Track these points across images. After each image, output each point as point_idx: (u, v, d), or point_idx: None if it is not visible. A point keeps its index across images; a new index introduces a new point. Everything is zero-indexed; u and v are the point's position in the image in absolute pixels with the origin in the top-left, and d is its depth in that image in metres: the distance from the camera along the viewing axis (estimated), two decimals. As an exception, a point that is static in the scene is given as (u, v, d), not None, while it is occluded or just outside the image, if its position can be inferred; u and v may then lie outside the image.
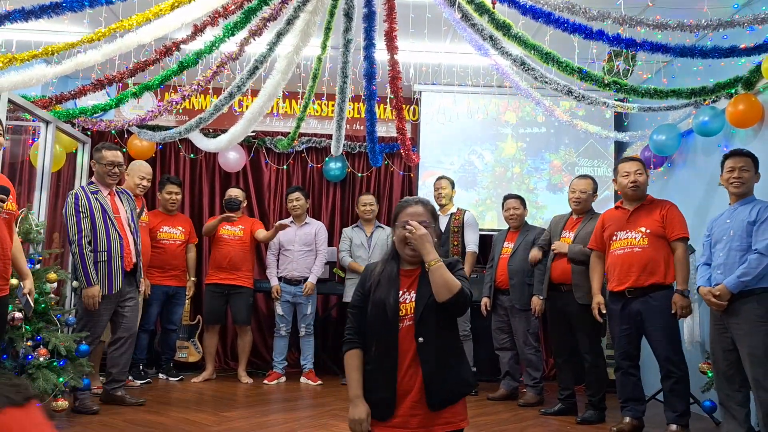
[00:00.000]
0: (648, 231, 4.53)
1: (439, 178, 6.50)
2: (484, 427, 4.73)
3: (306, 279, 6.53)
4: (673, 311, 4.37)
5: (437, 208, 6.46)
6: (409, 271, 2.66)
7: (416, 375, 2.52)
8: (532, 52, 4.31)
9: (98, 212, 4.82)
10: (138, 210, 5.42)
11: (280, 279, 6.60)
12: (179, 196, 6.61)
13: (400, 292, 2.60)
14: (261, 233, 6.58)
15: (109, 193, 4.97)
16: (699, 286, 4.12)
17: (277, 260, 6.67)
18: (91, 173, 6.16)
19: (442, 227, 6.30)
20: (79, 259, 4.75)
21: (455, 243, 6.23)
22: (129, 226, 5.02)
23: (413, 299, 2.57)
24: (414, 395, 2.51)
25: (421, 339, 2.52)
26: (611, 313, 4.71)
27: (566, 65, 4.32)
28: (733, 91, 4.78)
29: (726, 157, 4.13)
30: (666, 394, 4.49)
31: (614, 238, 4.69)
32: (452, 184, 6.46)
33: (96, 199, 4.85)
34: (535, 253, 5.53)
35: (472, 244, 6.25)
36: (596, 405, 5.00)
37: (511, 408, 5.49)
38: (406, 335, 2.55)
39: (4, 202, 3.62)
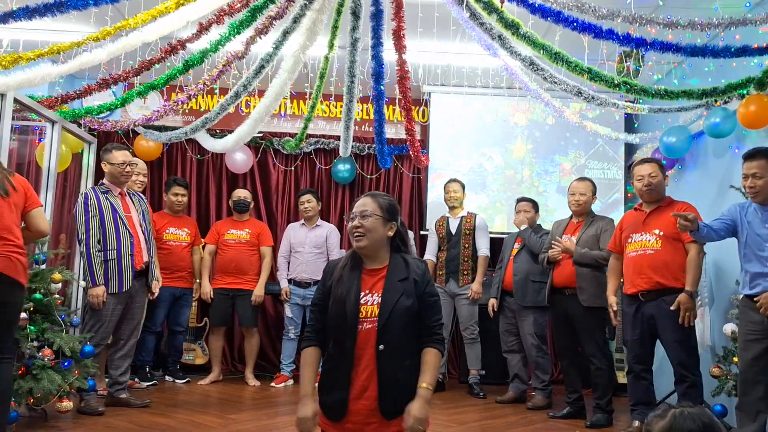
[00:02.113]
0: (662, 233, 4.45)
1: (451, 181, 6.47)
2: (492, 430, 4.69)
3: (315, 282, 6.48)
4: (672, 307, 4.27)
5: (448, 209, 6.44)
6: (374, 271, 2.61)
7: (373, 381, 2.47)
8: (542, 51, 4.26)
9: (108, 211, 4.87)
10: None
11: (289, 281, 6.57)
12: (185, 198, 6.59)
13: (363, 293, 2.54)
14: (266, 251, 6.64)
15: (119, 194, 5.02)
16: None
17: (288, 262, 6.64)
18: (97, 174, 6.18)
19: (453, 230, 6.28)
20: (86, 258, 4.79)
21: (466, 246, 6.22)
22: (140, 226, 5.04)
23: (376, 302, 2.52)
24: (370, 402, 2.46)
25: (381, 347, 2.47)
26: (625, 316, 4.65)
27: (576, 65, 4.27)
28: (744, 91, 4.70)
29: (743, 158, 3.98)
30: (678, 398, 4.42)
31: (629, 240, 4.63)
32: (463, 187, 6.43)
33: (106, 198, 4.90)
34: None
35: (484, 248, 6.25)
36: (603, 408, 4.96)
37: (520, 411, 5.44)
38: (366, 339, 2.50)
39: None
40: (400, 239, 2.68)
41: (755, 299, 3.83)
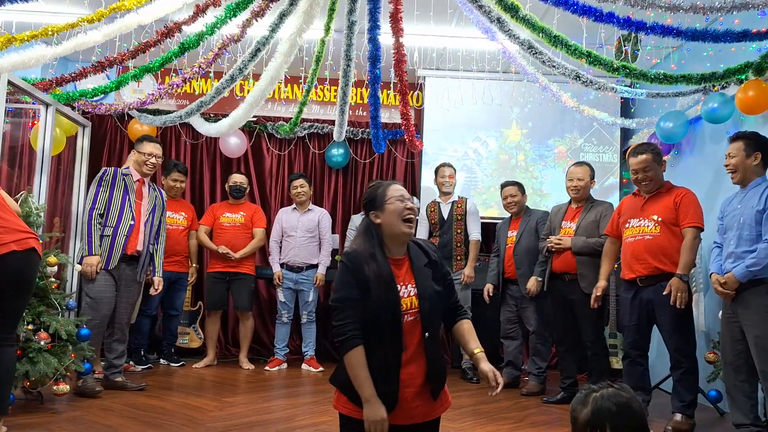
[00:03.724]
0: (660, 219, 4.43)
1: (445, 165, 6.42)
2: (486, 415, 4.70)
3: (308, 266, 6.50)
4: (665, 292, 4.27)
5: (438, 194, 6.42)
6: (398, 261, 2.62)
7: (418, 368, 2.53)
8: (540, 35, 4.23)
9: (119, 190, 4.95)
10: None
11: (282, 266, 6.56)
12: (183, 185, 6.60)
13: (399, 286, 2.55)
14: (258, 232, 6.61)
15: (138, 180, 5.07)
16: (711, 272, 4.07)
17: (280, 247, 6.63)
18: (91, 157, 6.17)
19: (445, 215, 6.25)
20: (86, 227, 4.85)
21: (458, 231, 6.19)
22: (147, 215, 5.08)
23: (412, 293, 2.56)
24: (417, 387, 2.52)
25: (427, 334, 2.54)
26: (622, 302, 4.66)
27: (575, 49, 4.24)
28: (743, 76, 4.70)
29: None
30: (674, 384, 4.43)
31: (627, 225, 4.62)
32: (455, 170, 6.42)
33: (123, 179, 4.99)
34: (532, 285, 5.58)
35: (475, 233, 6.21)
36: (598, 393, 4.96)
37: (513, 396, 5.45)
38: (410, 330, 2.53)
39: None
40: None
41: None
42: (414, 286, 2.57)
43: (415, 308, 2.54)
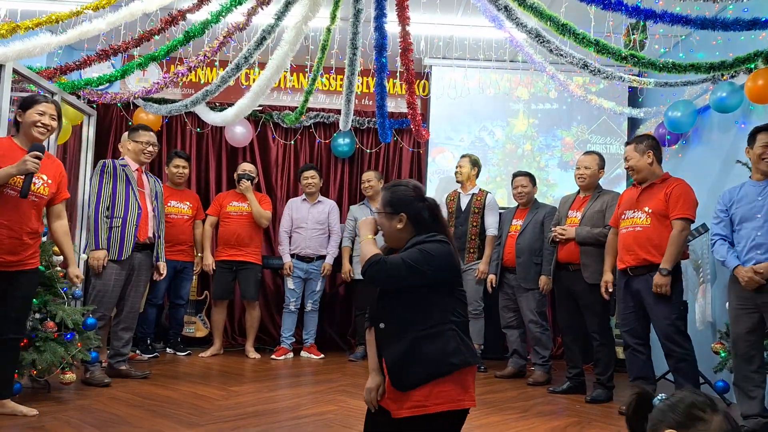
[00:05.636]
0: (651, 211, 4.46)
1: (462, 156, 6.42)
2: (492, 404, 4.69)
3: (318, 256, 6.55)
4: (653, 290, 4.32)
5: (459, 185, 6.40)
6: None
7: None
8: (548, 23, 4.19)
9: (122, 180, 4.95)
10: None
11: (292, 256, 6.58)
12: (186, 170, 6.55)
13: None
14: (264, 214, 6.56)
15: (137, 170, 5.08)
16: (736, 266, 3.96)
17: (290, 237, 6.64)
18: (97, 146, 6.16)
19: (463, 206, 6.22)
20: (92, 222, 4.87)
21: (474, 224, 6.14)
22: (152, 203, 5.09)
23: None
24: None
25: (382, 325, 2.55)
26: (618, 291, 4.68)
27: (583, 37, 4.20)
28: (752, 65, 4.66)
29: (759, 130, 3.98)
30: (672, 373, 4.44)
31: (623, 217, 4.65)
32: (473, 162, 6.34)
33: (123, 170, 4.99)
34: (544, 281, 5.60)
35: (492, 228, 6.13)
36: (604, 384, 4.96)
37: (519, 386, 5.45)
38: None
39: (39, 159, 3.64)
40: (419, 226, 2.63)
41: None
42: None
43: None
